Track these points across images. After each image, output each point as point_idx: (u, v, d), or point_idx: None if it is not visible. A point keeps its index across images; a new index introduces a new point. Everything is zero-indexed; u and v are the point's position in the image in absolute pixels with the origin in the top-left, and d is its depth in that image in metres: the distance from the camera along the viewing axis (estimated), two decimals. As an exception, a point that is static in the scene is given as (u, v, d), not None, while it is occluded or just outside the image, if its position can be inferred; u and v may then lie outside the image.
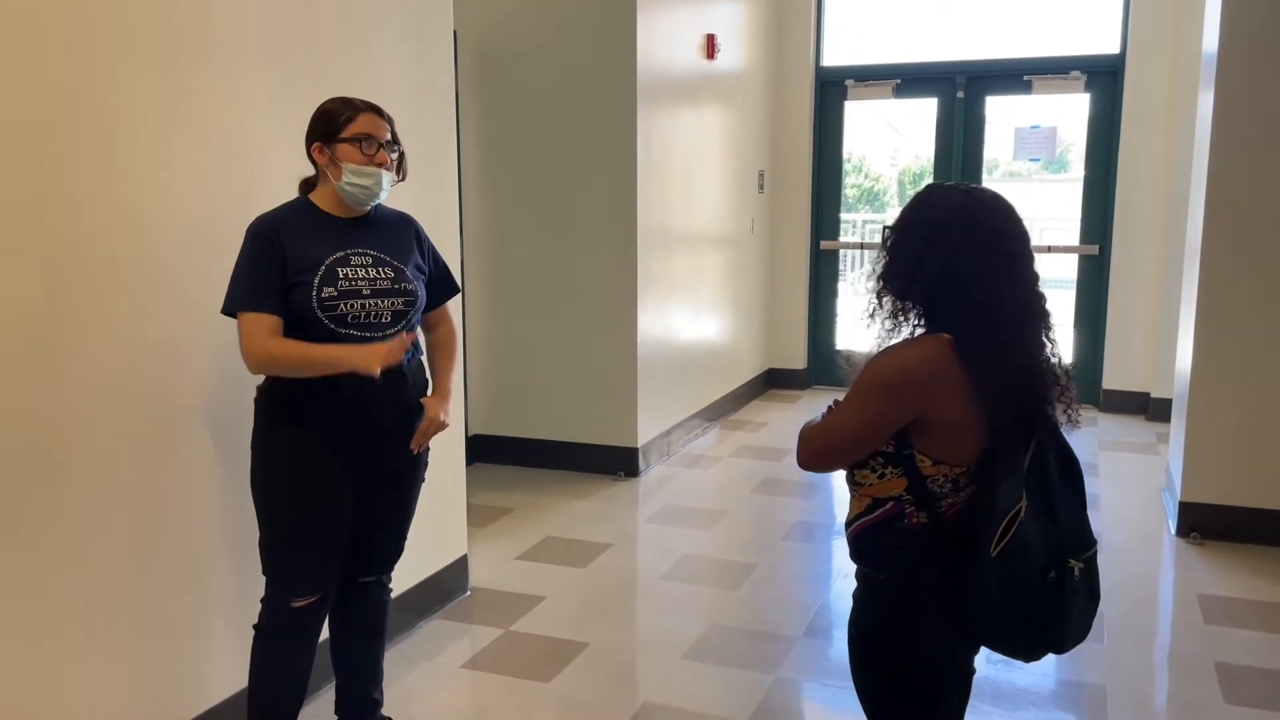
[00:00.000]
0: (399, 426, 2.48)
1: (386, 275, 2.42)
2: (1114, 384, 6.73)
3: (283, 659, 2.46)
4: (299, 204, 2.45)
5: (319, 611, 2.47)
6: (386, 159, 2.40)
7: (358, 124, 2.37)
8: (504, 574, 4.05)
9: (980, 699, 3.01)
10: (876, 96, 7.34)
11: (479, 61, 5.33)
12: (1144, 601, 3.90)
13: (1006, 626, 1.71)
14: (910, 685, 1.83)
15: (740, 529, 4.67)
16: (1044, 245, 6.94)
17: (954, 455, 1.73)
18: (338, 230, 2.41)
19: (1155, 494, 5.07)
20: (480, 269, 5.46)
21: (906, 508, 1.75)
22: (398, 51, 3.30)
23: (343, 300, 2.34)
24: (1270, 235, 4.21)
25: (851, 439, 1.75)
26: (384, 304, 2.40)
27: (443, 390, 2.61)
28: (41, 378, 2.21)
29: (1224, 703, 3.06)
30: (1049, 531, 1.69)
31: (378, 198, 2.43)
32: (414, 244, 2.56)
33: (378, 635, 2.71)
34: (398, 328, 2.42)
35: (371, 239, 2.45)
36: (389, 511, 2.57)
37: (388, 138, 2.41)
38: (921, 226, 1.74)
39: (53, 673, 2.27)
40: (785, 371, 7.65)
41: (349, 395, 2.34)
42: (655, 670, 3.31)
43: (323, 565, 2.44)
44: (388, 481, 2.52)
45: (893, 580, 1.79)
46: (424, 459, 2.61)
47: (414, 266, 2.52)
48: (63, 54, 2.20)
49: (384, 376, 2.34)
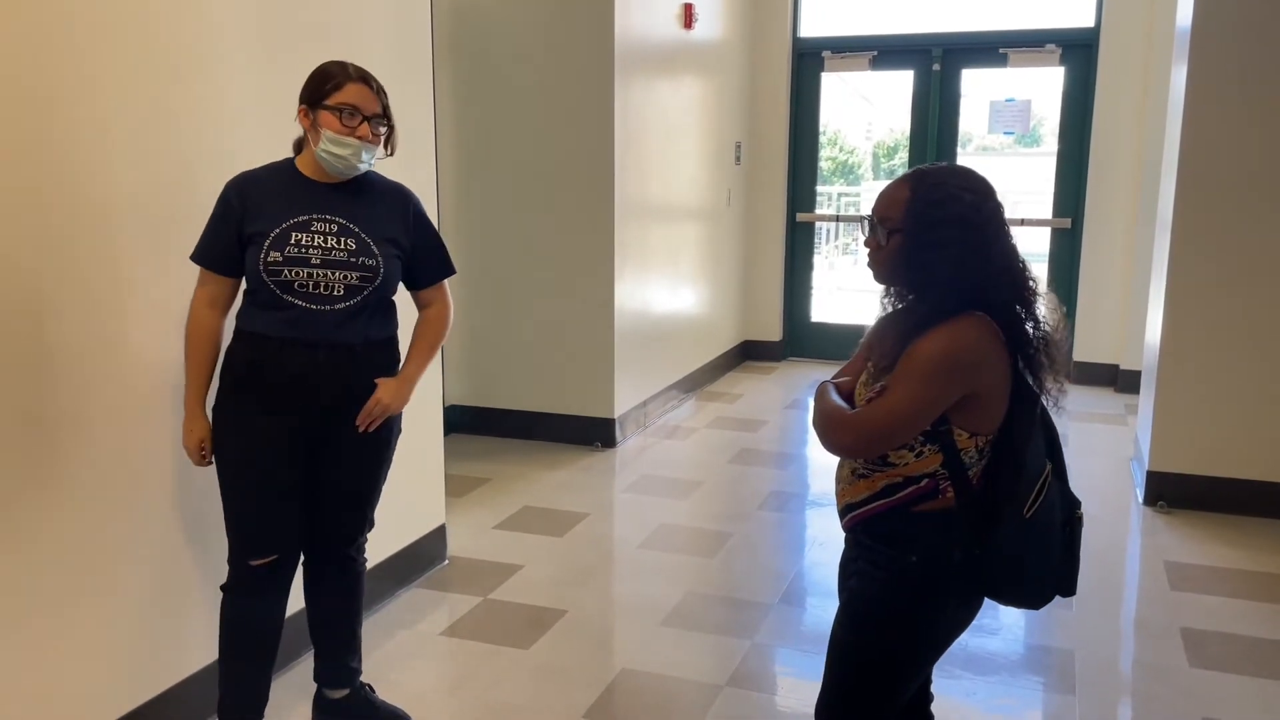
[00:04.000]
0: (346, 405, 2.42)
1: (346, 246, 2.34)
2: (1084, 356, 6.81)
3: (243, 615, 2.49)
4: (282, 164, 2.42)
5: (277, 572, 2.47)
6: (369, 133, 2.33)
7: (344, 93, 2.31)
8: (482, 543, 4.07)
9: (951, 663, 3.08)
10: (853, 68, 7.34)
11: (454, 31, 5.29)
12: (1112, 569, 3.98)
13: (1030, 581, 1.84)
14: (908, 660, 1.88)
15: (716, 498, 4.71)
16: (1017, 218, 6.98)
17: (986, 425, 1.78)
18: (311, 194, 2.37)
19: (1124, 464, 5.16)
20: (457, 241, 5.43)
21: (941, 483, 1.78)
22: (375, 21, 3.26)
23: (287, 267, 2.29)
24: (1239, 209, 4.27)
25: (910, 420, 1.73)
26: (334, 276, 2.33)
27: (404, 374, 2.52)
28: (23, 340, 2.19)
29: (1189, 666, 3.13)
30: (1063, 489, 1.85)
31: (356, 170, 2.37)
32: (398, 218, 2.47)
33: (349, 607, 2.69)
34: (352, 302, 2.35)
35: (344, 207, 2.38)
36: (338, 489, 2.52)
37: (376, 111, 2.35)
38: (946, 228, 1.73)
39: (30, 647, 2.27)
40: (761, 343, 7.69)
41: (292, 370, 2.33)
42: (633, 637, 3.35)
43: (271, 528, 2.44)
44: (335, 459, 2.47)
45: (924, 562, 1.81)
46: (383, 439, 2.53)
47: (388, 240, 2.43)
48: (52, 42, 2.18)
49: (327, 354, 2.33)
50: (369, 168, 2.41)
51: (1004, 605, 1.90)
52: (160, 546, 2.59)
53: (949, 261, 1.73)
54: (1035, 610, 1.99)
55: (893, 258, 1.79)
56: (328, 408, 2.40)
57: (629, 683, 3.03)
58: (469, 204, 5.43)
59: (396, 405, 2.48)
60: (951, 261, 1.73)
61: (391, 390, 2.46)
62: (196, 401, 2.40)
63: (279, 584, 2.50)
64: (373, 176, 2.47)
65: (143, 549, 2.54)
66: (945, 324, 1.73)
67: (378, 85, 2.38)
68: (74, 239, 2.29)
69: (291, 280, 2.30)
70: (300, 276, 2.30)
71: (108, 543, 2.44)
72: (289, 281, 2.30)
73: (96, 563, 2.42)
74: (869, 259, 1.85)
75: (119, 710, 2.52)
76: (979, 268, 1.73)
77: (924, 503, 1.79)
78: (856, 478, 1.86)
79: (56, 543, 2.31)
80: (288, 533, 2.47)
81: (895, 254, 1.79)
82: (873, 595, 1.87)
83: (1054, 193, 6.98)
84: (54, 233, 2.24)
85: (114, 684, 2.50)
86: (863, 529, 1.87)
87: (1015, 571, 1.80)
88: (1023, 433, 1.78)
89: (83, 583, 2.39)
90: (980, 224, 1.74)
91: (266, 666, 2.55)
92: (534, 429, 5.47)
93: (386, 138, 2.40)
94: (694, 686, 3.00)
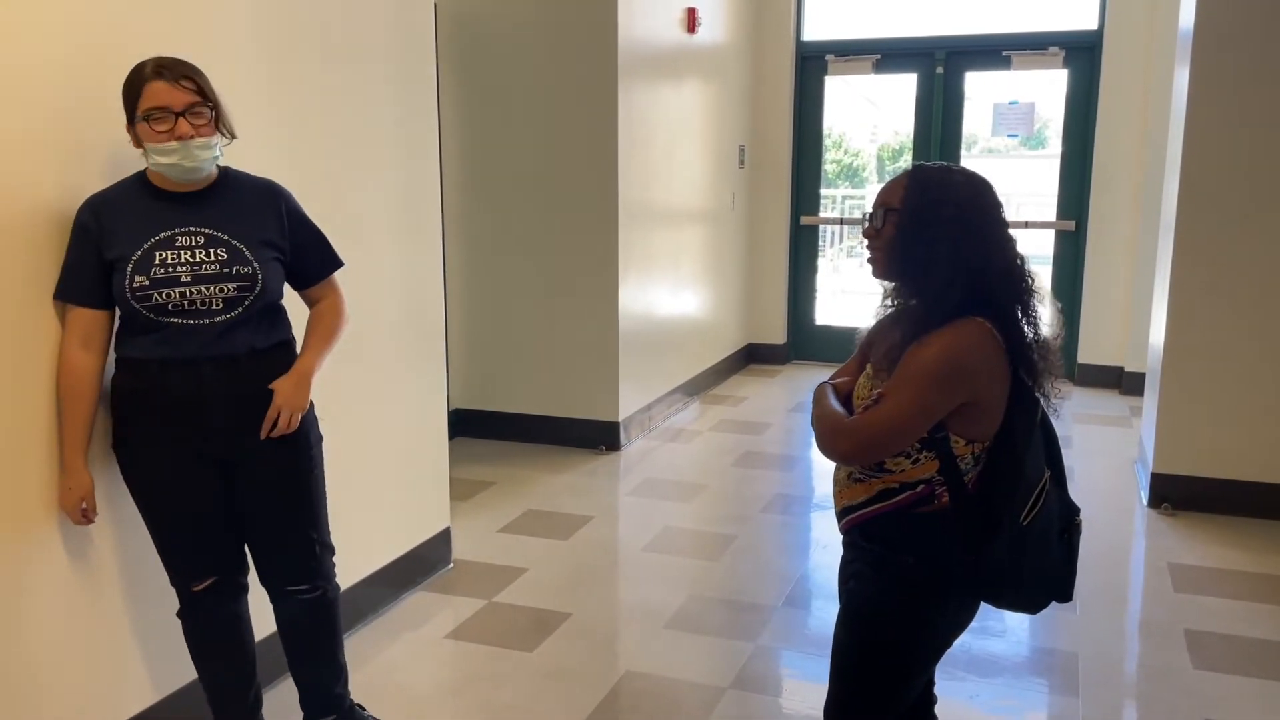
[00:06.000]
0: (245, 422, 2.25)
1: (218, 257, 2.17)
2: (1088, 358, 6.81)
3: (203, 639, 2.42)
4: (132, 180, 2.23)
5: (223, 591, 2.39)
6: (188, 128, 2.10)
7: (145, 98, 2.09)
8: (486, 546, 4.08)
9: (955, 666, 3.08)
10: (857, 72, 7.34)
11: (458, 35, 5.31)
12: (1116, 570, 3.98)
13: (1026, 587, 1.83)
14: (907, 662, 1.88)
15: (720, 502, 4.71)
16: (1021, 221, 6.99)
17: (983, 432, 1.77)
18: (167, 208, 2.18)
19: (1128, 466, 5.16)
20: (461, 244, 5.45)
21: (937, 489, 1.78)
22: (378, 27, 3.28)
23: (156, 290, 2.12)
24: (1243, 211, 4.27)
25: (907, 427, 1.73)
26: (211, 290, 2.16)
27: (298, 369, 2.32)
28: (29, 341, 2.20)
29: (1192, 668, 3.13)
30: (1062, 495, 1.84)
31: (201, 170, 2.17)
32: (271, 218, 2.29)
33: (321, 642, 2.51)
34: (233, 314, 2.19)
35: (208, 215, 2.20)
36: (259, 516, 2.35)
37: (188, 101, 2.10)
38: (943, 208, 1.74)
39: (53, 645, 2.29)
40: (765, 346, 7.69)
41: (175, 392, 2.19)
42: (637, 639, 3.35)
43: (199, 555, 2.34)
44: (252, 480, 2.31)
45: (920, 564, 1.81)
46: (299, 449, 2.34)
47: (263, 244, 2.24)
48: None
49: (211, 370, 2.19)
50: (215, 162, 2.20)
51: (1000, 609, 1.90)
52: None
53: (945, 242, 1.72)
54: (1033, 615, 1.99)
55: (890, 245, 1.79)
56: (226, 427, 2.25)
57: (633, 685, 3.04)
58: (473, 208, 5.44)
59: (297, 403, 2.29)
60: (948, 245, 1.72)
61: (288, 388, 2.28)
62: (75, 455, 2.20)
63: (231, 592, 2.42)
64: (236, 176, 2.30)
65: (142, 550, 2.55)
66: (944, 329, 1.73)
67: (182, 71, 2.12)
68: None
69: (164, 303, 2.14)
70: (174, 297, 2.14)
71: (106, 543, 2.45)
72: (161, 305, 2.14)
73: (103, 562, 2.43)
74: (868, 250, 1.85)
75: (139, 706, 2.54)
76: (975, 259, 1.72)
77: (920, 507, 1.80)
78: (853, 481, 1.86)
79: (67, 541, 2.33)
80: (218, 555, 2.36)
81: (892, 241, 1.79)
82: (869, 596, 1.88)
83: (1058, 195, 6.98)
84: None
85: (131, 681, 2.52)
86: (859, 531, 1.88)
87: (1012, 577, 1.80)
88: (1021, 439, 1.77)
89: (96, 582, 2.40)
90: (977, 211, 1.75)
91: (247, 668, 2.48)
92: (538, 432, 5.48)
93: (215, 121, 2.16)
94: (698, 689, 3.01)
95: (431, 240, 3.65)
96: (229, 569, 2.41)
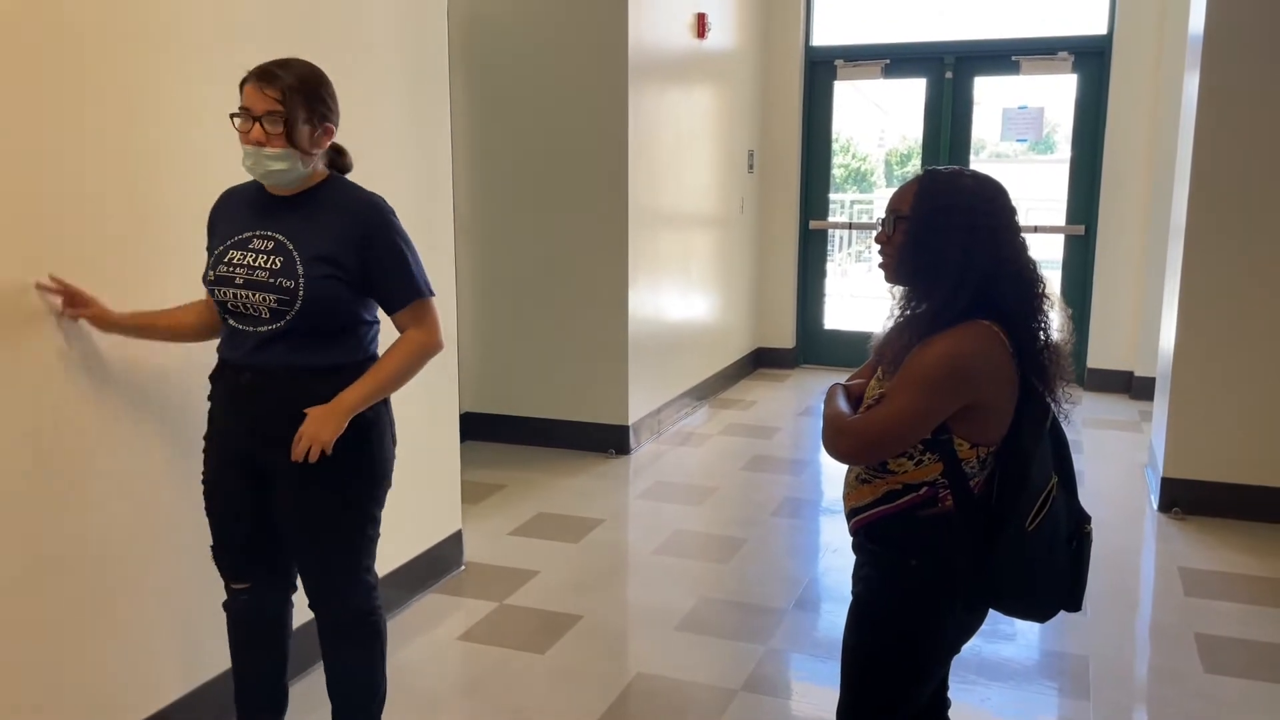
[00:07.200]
0: (280, 435, 2.18)
1: (271, 266, 2.13)
2: (1099, 363, 6.81)
3: (234, 635, 2.44)
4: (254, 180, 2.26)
5: (254, 599, 2.39)
6: (261, 134, 2.08)
7: (242, 98, 2.11)
8: (498, 549, 4.10)
9: (965, 669, 3.09)
10: (865, 77, 7.36)
11: (470, 40, 5.34)
12: (1126, 575, 3.98)
13: (1033, 594, 1.82)
14: (914, 665, 1.88)
15: (730, 505, 4.72)
16: (1030, 225, 6.99)
17: (989, 436, 1.77)
18: (261, 210, 2.21)
19: (1138, 470, 5.15)
20: (472, 248, 5.48)
21: (940, 491, 1.79)
22: (391, 30, 3.30)
23: (217, 287, 2.18)
24: (1252, 215, 4.27)
25: (909, 429, 1.74)
26: (257, 298, 2.14)
27: (337, 400, 2.17)
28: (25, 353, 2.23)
29: (1203, 672, 3.14)
30: (1070, 503, 1.83)
31: (274, 179, 2.16)
32: (338, 233, 2.17)
33: (357, 674, 2.44)
34: (275, 326, 2.15)
35: (286, 222, 2.18)
36: (286, 534, 2.31)
37: (269, 108, 2.07)
38: (953, 214, 1.74)
39: (68, 644, 2.31)
40: (774, 351, 7.70)
41: (222, 390, 2.25)
42: (648, 642, 3.37)
43: (227, 552, 2.35)
44: (280, 498, 2.26)
45: (924, 566, 1.82)
46: (321, 486, 2.22)
47: (323, 260, 2.14)
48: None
49: (250, 378, 2.19)
50: (292, 175, 2.16)
51: (1007, 616, 1.90)
52: (183, 546, 2.62)
53: (955, 246, 1.73)
54: (1041, 623, 1.99)
55: (900, 250, 1.80)
56: (256, 440, 2.23)
57: (643, 687, 3.05)
58: (484, 212, 5.47)
59: (322, 435, 2.14)
60: (958, 248, 1.72)
61: (317, 418, 2.15)
62: (116, 312, 2.28)
63: (259, 613, 2.42)
64: (338, 187, 2.25)
65: (166, 549, 2.57)
66: (949, 331, 1.73)
67: (276, 77, 2.09)
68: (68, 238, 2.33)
69: (224, 300, 2.19)
70: (229, 297, 2.17)
71: (137, 540, 2.47)
72: (223, 302, 2.19)
73: (126, 560, 2.45)
74: (879, 256, 1.86)
75: (156, 705, 2.56)
76: (986, 262, 1.73)
77: (924, 509, 1.80)
78: (860, 482, 1.88)
79: (89, 539, 2.35)
80: (253, 560, 2.35)
81: (903, 246, 1.79)
82: (875, 598, 1.89)
83: (1068, 199, 6.97)
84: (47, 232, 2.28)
85: (150, 679, 2.53)
86: (865, 533, 1.89)
87: (1016, 583, 1.79)
88: (1028, 445, 1.77)
89: (116, 580, 2.42)
90: (987, 215, 1.75)
91: (276, 668, 2.49)
92: (549, 436, 5.50)
93: (287, 135, 2.10)
94: (708, 691, 3.02)
95: (443, 243, 3.67)
96: (268, 575, 2.40)
